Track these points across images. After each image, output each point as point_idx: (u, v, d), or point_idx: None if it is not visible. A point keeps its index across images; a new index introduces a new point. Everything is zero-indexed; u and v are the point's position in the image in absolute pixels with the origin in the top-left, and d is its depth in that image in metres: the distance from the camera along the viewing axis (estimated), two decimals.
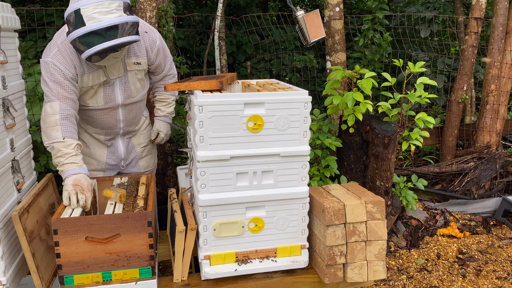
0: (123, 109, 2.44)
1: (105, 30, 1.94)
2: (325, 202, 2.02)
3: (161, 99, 2.69)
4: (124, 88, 2.37)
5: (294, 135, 1.99)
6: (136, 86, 2.43)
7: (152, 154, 2.77)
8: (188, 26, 6.81)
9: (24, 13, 5.15)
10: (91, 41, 1.96)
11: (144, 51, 2.39)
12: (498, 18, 4.36)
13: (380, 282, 3.14)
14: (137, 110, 2.55)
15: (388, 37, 5.18)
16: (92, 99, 2.33)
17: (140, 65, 2.39)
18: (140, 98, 2.51)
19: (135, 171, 2.67)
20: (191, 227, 1.97)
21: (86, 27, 1.94)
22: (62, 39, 2.18)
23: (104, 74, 2.28)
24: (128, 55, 2.33)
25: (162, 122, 2.71)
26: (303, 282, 2.12)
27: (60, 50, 2.17)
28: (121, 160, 2.61)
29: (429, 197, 4.38)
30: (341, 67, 3.27)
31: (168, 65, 2.59)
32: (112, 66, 2.28)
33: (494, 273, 3.24)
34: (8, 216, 1.99)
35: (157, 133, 2.70)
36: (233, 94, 1.97)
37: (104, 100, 2.35)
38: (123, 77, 2.35)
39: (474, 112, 5.32)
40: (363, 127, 3.13)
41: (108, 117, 2.42)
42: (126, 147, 2.61)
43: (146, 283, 1.94)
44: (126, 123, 2.51)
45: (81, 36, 1.96)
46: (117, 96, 2.37)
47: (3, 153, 2.01)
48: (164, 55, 2.53)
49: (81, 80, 2.24)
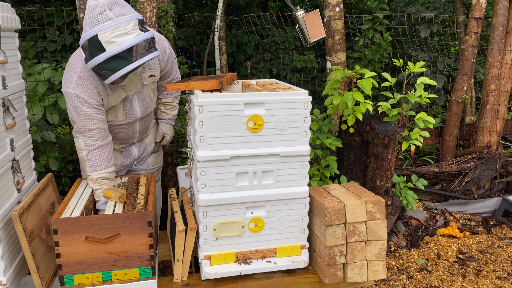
0: (140, 121, 2.48)
1: (126, 52, 1.92)
2: (325, 202, 2.02)
3: (167, 103, 2.70)
4: (142, 102, 2.40)
5: (294, 135, 1.99)
6: (151, 97, 2.46)
7: (159, 151, 2.81)
8: (188, 26, 6.81)
9: (24, 13, 5.15)
10: (114, 65, 1.94)
11: (157, 62, 2.40)
12: (498, 18, 4.36)
13: (380, 282, 3.14)
14: (150, 119, 2.60)
15: (388, 37, 5.18)
16: (111, 115, 2.33)
17: (154, 77, 2.41)
18: (153, 106, 2.55)
19: (144, 168, 2.71)
20: (191, 227, 1.97)
21: (107, 52, 1.91)
22: (81, 66, 2.14)
23: (123, 91, 2.29)
24: (144, 70, 2.34)
25: (167, 125, 2.74)
26: (303, 282, 2.12)
27: (81, 78, 2.13)
28: (134, 159, 2.66)
29: (429, 197, 4.38)
30: (341, 67, 3.27)
31: (175, 70, 2.62)
32: (130, 82, 2.29)
33: (494, 273, 3.24)
34: (8, 216, 1.99)
35: (162, 135, 2.73)
36: (233, 94, 1.97)
37: (123, 116, 2.36)
38: (140, 92, 2.37)
39: (474, 112, 5.32)
40: (363, 127, 3.13)
41: (126, 130, 2.45)
42: (139, 148, 2.65)
43: (146, 283, 1.94)
44: (141, 133, 2.56)
45: (103, 62, 1.93)
46: (136, 110, 2.39)
47: (3, 153, 2.01)
48: (172, 62, 2.54)
49: (107, 102, 2.25)
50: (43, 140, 3.50)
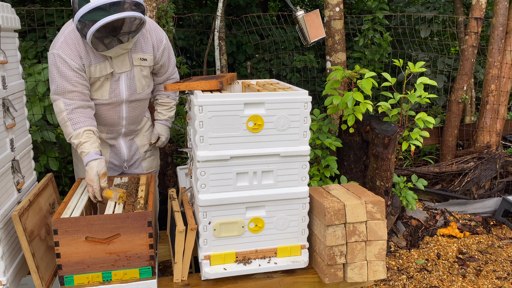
0: (127, 105, 2.44)
1: (109, 5, 1.97)
2: (325, 202, 2.02)
3: (163, 103, 2.68)
4: (129, 83, 2.38)
5: (294, 135, 1.99)
6: (141, 82, 2.43)
7: (155, 155, 2.76)
8: (188, 26, 6.81)
9: (24, 13, 5.15)
10: (95, 17, 1.98)
11: (151, 47, 2.40)
12: (498, 18, 4.36)
13: (380, 282, 3.14)
14: (141, 109, 2.54)
15: (388, 37, 5.18)
16: (97, 92, 2.33)
17: (146, 61, 2.39)
18: (145, 96, 2.51)
19: (138, 172, 2.66)
20: (191, 227, 1.97)
21: (91, 3, 1.97)
22: (70, 29, 2.20)
23: (110, 66, 2.29)
24: (135, 50, 2.34)
25: (163, 126, 2.70)
26: (303, 282, 2.12)
27: (66, 40, 2.19)
28: (124, 161, 2.61)
29: (429, 197, 4.38)
30: (341, 67, 3.27)
31: (171, 68, 2.60)
32: (118, 59, 2.29)
33: (494, 273, 3.24)
34: (8, 216, 1.99)
35: (157, 136, 2.69)
36: (233, 94, 1.97)
37: (109, 94, 2.35)
38: (129, 72, 2.36)
39: (474, 112, 5.32)
40: (363, 127, 3.13)
41: (112, 113, 2.42)
42: (129, 148, 2.60)
43: (146, 283, 1.94)
44: (128, 120, 2.50)
45: (86, 13, 1.98)
46: (122, 91, 2.37)
47: (3, 153, 2.01)
48: (168, 56, 2.53)
49: (89, 71, 2.25)
50: (43, 140, 3.49)
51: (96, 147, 2.20)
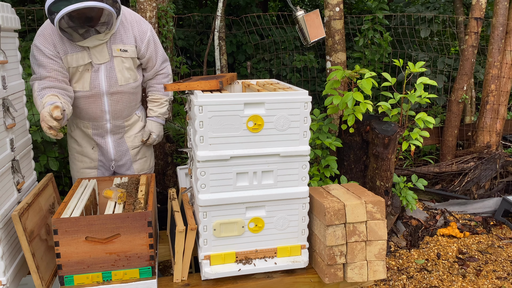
0: (109, 98, 2.44)
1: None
2: (325, 202, 2.02)
3: (154, 99, 2.66)
4: (109, 74, 2.39)
5: (294, 135, 1.99)
6: (123, 74, 2.43)
7: (147, 157, 2.74)
8: (188, 26, 6.81)
9: (24, 13, 5.15)
10: (59, 7, 2.08)
11: (132, 39, 2.41)
12: (498, 18, 4.36)
13: (380, 282, 3.14)
14: (124, 103, 2.51)
15: (388, 37, 5.18)
16: (78, 83, 2.38)
17: (126, 52, 2.40)
18: (128, 90, 2.49)
19: (130, 174, 2.64)
20: (191, 227, 1.97)
21: None
22: (48, 22, 2.31)
23: (88, 56, 2.33)
24: (114, 41, 2.36)
25: (154, 123, 2.68)
26: (303, 282, 2.12)
27: (42, 31, 2.32)
28: (112, 160, 2.60)
29: (429, 197, 4.38)
30: (341, 67, 3.27)
31: (159, 62, 2.58)
32: (96, 50, 2.32)
33: (494, 273, 3.24)
34: (8, 216, 1.99)
35: (149, 133, 2.67)
36: (233, 94, 1.96)
37: (89, 85, 2.38)
38: (108, 63, 2.37)
39: (474, 112, 5.32)
40: (363, 127, 3.13)
41: (94, 106, 2.43)
42: (116, 148, 2.59)
43: (146, 283, 1.94)
44: (112, 114, 2.49)
45: (51, 4, 2.08)
46: (101, 82, 2.38)
47: (3, 153, 2.01)
48: (155, 49, 2.52)
49: (66, 60, 2.32)
50: (43, 140, 3.50)
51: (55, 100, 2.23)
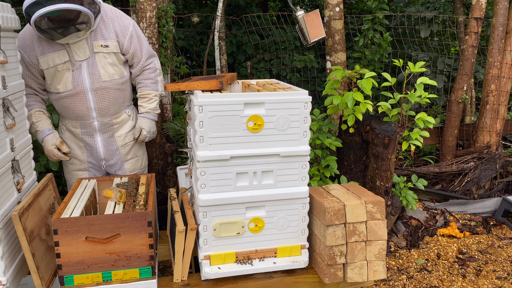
0: (93, 95, 2.44)
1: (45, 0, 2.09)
2: (325, 202, 2.02)
3: (142, 95, 2.65)
4: (91, 71, 2.40)
5: (294, 135, 1.99)
6: (107, 70, 2.43)
7: (138, 156, 2.73)
8: (188, 26, 6.81)
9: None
10: (33, 10, 2.12)
11: (114, 34, 2.42)
12: (498, 18, 4.36)
13: (380, 282, 3.14)
14: (111, 100, 2.51)
15: (388, 37, 5.18)
16: (61, 84, 2.40)
17: (108, 47, 2.41)
18: (113, 85, 2.48)
19: (121, 174, 2.64)
20: (191, 227, 1.97)
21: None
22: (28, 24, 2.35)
23: (67, 54, 2.34)
24: (95, 37, 2.37)
25: (144, 119, 2.66)
26: (303, 282, 2.12)
27: (22, 33, 2.38)
28: (101, 160, 2.60)
29: (429, 197, 4.38)
30: (341, 67, 3.27)
31: (145, 57, 2.56)
32: (76, 47, 2.34)
33: (494, 273, 3.24)
34: (8, 216, 1.99)
35: (140, 130, 2.65)
36: (233, 94, 1.96)
37: (72, 84, 2.40)
38: (89, 59, 2.38)
39: (474, 112, 5.32)
40: (363, 127, 3.13)
41: (79, 104, 2.44)
42: (106, 147, 2.59)
43: (146, 283, 1.94)
44: (98, 112, 2.49)
45: (27, 7, 2.13)
46: (84, 78, 2.39)
47: (3, 153, 2.01)
48: (139, 44, 2.52)
49: (43, 60, 2.35)
50: None
51: (48, 124, 2.43)
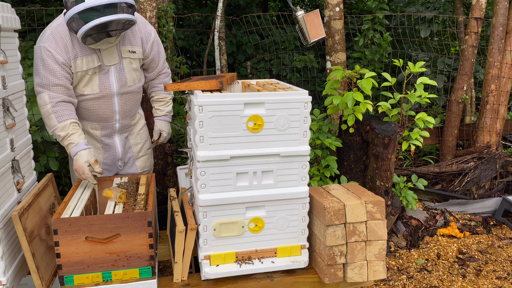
0: (119, 98, 2.44)
1: (104, 7, 2.03)
2: (325, 202, 2.02)
3: (159, 99, 2.70)
4: (119, 75, 2.39)
5: (294, 135, 1.99)
6: (131, 75, 2.45)
7: (148, 154, 2.77)
8: (188, 26, 6.81)
9: (24, 13, 5.15)
10: (89, 16, 2.04)
11: (139, 40, 2.43)
12: (498, 18, 4.36)
13: (380, 282, 3.14)
14: (133, 103, 2.55)
15: (388, 37, 5.18)
16: (87, 87, 2.35)
17: (135, 53, 2.42)
18: (135, 89, 2.52)
19: (132, 172, 2.66)
20: (191, 227, 1.97)
21: (86, 3, 2.02)
22: (56, 24, 2.24)
23: (98, 59, 2.31)
24: (123, 43, 2.37)
25: (163, 122, 2.72)
26: (303, 282, 2.12)
27: (52, 33, 2.22)
28: (118, 159, 2.61)
29: (429, 197, 4.38)
30: (341, 67, 3.27)
31: (162, 62, 2.61)
32: (107, 52, 2.32)
33: (494, 273, 3.24)
34: (8, 216, 1.99)
35: (159, 133, 2.71)
36: (233, 94, 1.97)
37: (99, 88, 2.37)
38: (118, 64, 2.38)
39: (474, 112, 5.32)
40: (363, 127, 3.13)
41: (104, 107, 2.43)
42: (123, 146, 2.61)
43: (146, 283, 1.94)
44: (121, 114, 2.51)
45: (80, 12, 2.03)
46: (112, 83, 2.38)
47: (3, 153, 2.01)
48: (158, 50, 2.55)
49: (75, 64, 2.27)
50: (43, 140, 3.49)
51: (83, 138, 2.26)
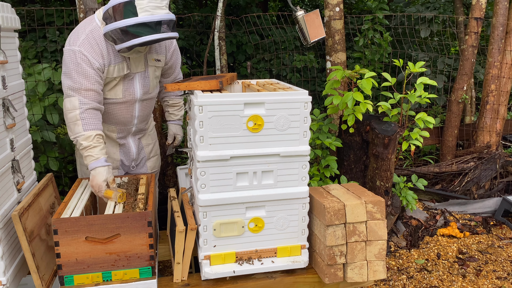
0: (140, 104, 2.46)
1: (155, 23, 2.05)
2: (325, 202, 2.02)
3: (173, 104, 2.75)
4: (143, 83, 2.41)
5: (294, 135, 1.99)
6: (154, 83, 2.48)
7: (158, 155, 2.81)
8: (188, 26, 6.81)
9: (24, 13, 5.15)
10: (140, 31, 2.04)
11: (164, 49, 2.45)
12: (498, 18, 4.36)
13: (380, 282, 3.14)
14: (150, 108, 2.59)
15: (388, 37, 5.18)
16: (111, 92, 2.34)
17: (159, 62, 2.44)
18: (155, 96, 2.57)
19: (143, 172, 2.70)
20: (191, 227, 1.97)
21: (140, 18, 2.02)
22: (91, 28, 2.21)
23: (127, 67, 2.32)
24: (150, 51, 2.39)
25: (177, 126, 2.79)
26: (303, 282, 2.12)
27: (88, 38, 2.19)
28: (132, 160, 2.63)
29: (429, 197, 4.38)
30: (341, 67, 3.27)
31: (178, 68, 2.65)
32: (134, 60, 2.33)
33: (494, 273, 3.24)
34: (8, 216, 1.99)
35: (173, 136, 2.78)
36: (233, 94, 1.97)
37: (122, 93, 2.36)
38: (143, 72, 2.39)
39: (474, 112, 5.32)
40: (363, 127, 3.13)
41: (125, 112, 2.44)
42: (137, 147, 2.64)
43: (146, 283, 1.94)
44: (140, 119, 2.53)
45: (131, 26, 2.03)
46: (136, 90, 2.39)
47: (3, 153, 2.01)
48: (177, 57, 2.58)
49: (108, 71, 2.26)
50: (43, 140, 3.49)
51: (104, 154, 2.20)
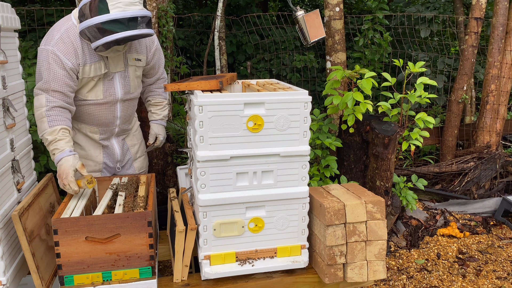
0: (121, 105, 2.45)
1: (128, 20, 2.02)
2: (325, 202, 2.02)
3: (156, 103, 2.71)
4: (124, 83, 2.39)
5: (294, 135, 1.99)
6: (135, 82, 2.45)
7: (145, 155, 2.79)
8: (188, 26, 6.81)
9: (24, 13, 5.15)
10: (113, 28, 2.01)
11: (144, 48, 2.43)
12: (498, 18, 4.36)
13: (380, 282, 3.14)
14: (132, 108, 2.56)
15: (388, 37, 5.18)
16: (91, 92, 2.33)
17: (140, 61, 2.42)
18: (137, 96, 2.54)
19: (131, 173, 2.67)
20: (191, 227, 1.97)
21: (111, 14, 1.99)
22: (66, 27, 2.19)
23: (105, 66, 2.29)
24: (130, 51, 2.37)
25: (159, 126, 2.72)
26: (303, 282, 2.12)
27: (62, 37, 2.17)
28: (117, 162, 2.61)
29: (429, 197, 4.38)
30: (341, 67, 3.27)
31: (161, 68, 2.63)
32: (113, 59, 2.31)
33: (494, 273, 3.24)
34: (8, 216, 1.99)
35: (155, 136, 2.71)
36: (233, 94, 1.97)
37: (103, 94, 2.35)
38: (123, 71, 2.37)
39: (474, 112, 5.32)
40: (363, 127, 3.13)
41: (106, 112, 2.42)
42: (121, 148, 2.61)
43: (146, 283, 1.94)
44: (122, 120, 2.51)
45: (104, 23, 2.00)
46: (117, 90, 2.38)
47: (3, 153, 2.01)
48: (159, 57, 2.56)
49: (83, 70, 2.24)
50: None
51: (70, 146, 2.18)
